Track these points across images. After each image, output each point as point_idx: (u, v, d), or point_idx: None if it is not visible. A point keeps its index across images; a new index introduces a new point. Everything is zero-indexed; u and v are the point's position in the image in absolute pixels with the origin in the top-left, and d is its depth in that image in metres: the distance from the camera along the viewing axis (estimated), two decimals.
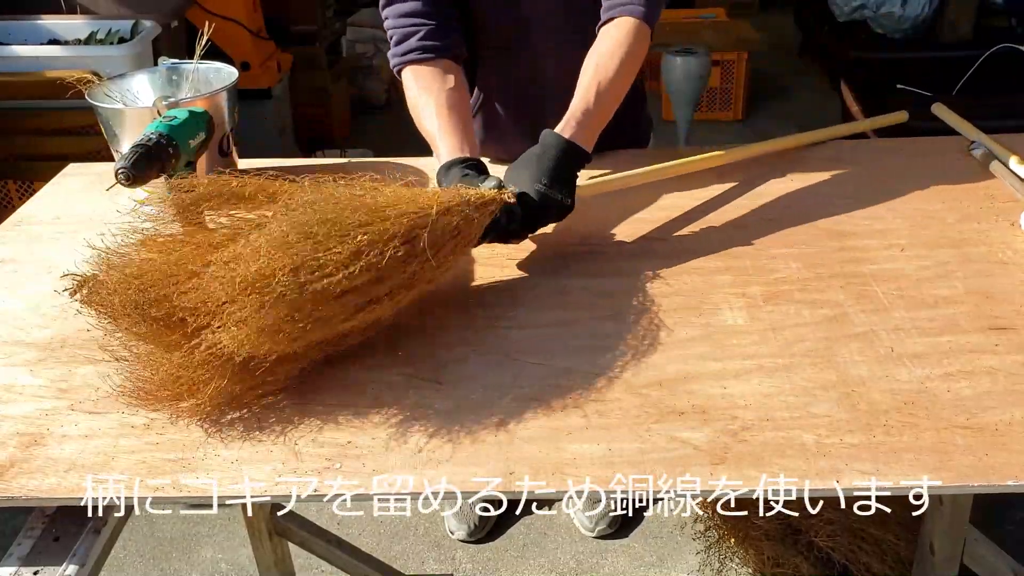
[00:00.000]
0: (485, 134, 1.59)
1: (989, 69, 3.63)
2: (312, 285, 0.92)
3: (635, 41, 1.34)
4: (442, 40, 1.36)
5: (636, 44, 1.34)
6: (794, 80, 5.08)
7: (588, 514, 2.15)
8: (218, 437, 0.97)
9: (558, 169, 1.20)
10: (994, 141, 1.52)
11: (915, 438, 0.93)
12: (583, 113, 1.27)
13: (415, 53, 1.35)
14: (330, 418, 0.99)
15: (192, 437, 0.97)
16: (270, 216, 1.03)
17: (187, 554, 2.16)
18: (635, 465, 0.91)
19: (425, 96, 1.33)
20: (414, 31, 1.36)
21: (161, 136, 1.16)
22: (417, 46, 1.35)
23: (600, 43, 1.36)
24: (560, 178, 1.20)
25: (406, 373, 1.06)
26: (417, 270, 1.02)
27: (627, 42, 1.33)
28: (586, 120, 1.27)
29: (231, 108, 1.48)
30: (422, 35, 1.35)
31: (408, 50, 1.36)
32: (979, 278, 1.19)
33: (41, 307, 1.22)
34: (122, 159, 1.12)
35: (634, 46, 1.34)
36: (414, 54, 1.35)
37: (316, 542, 1.72)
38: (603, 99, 1.29)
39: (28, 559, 0.92)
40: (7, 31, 2.97)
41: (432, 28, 1.35)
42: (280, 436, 0.97)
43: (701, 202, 1.43)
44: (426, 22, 1.36)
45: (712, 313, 1.15)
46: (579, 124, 1.26)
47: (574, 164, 1.24)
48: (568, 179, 1.22)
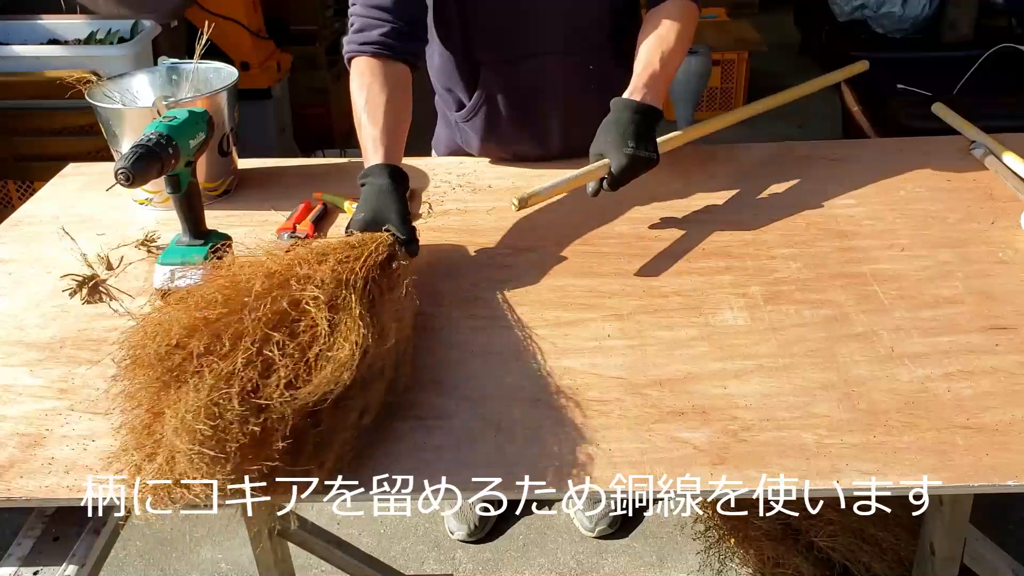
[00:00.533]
0: (486, 135, 1.59)
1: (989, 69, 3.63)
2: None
3: (687, 18, 1.42)
4: (403, 43, 1.36)
5: (688, 20, 1.42)
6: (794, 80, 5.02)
7: (588, 514, 2.15)
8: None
9: (639, 129, 1.28)
10: (994, 141, 1.52)
11: (915, 438, 0.93)
12: (650, 76, 1.34)
13: (373, 46, 1.35)
14: None
15: None
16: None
17: (187, 554, 2.16)
18: (635, 465, 0.91)
19: (371, 91, 1.32)
20: (378, 25, 1.35)
21: (161, 136, 1.16)
22: (378, 40, 1.35)
23: (655, 18, 1.42)
24: (643, 136, 1.28)
25: (406, 373, 1.06)
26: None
27: (681, 19, 1.41)
28: (652, 83, 1.33)
29: (231, 108, 1.48)
30: (386, 32, 1.35)
31: (367, 41, 1.35)
32: (979, 278, 1.19)
33: (41, 307, 1.22)
34: (122, 159, 1.12)
35: (686, 22, 1.42)
36: (372, 47, 1.35)
37: (316, 542, 1.72)
38: (666, 65, 1.36)
39: (28, 559, 0.92)
40: (7, 31, 2.96)
41: (397, 28, 1.35)
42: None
43: (701, 202, 1.43)
44: (393, 21, 1.35)
45: (712, 313, 1.15)
46: (646, 87, 1.33)
47: (652, 122, 1.31)
48: (649, 136, 1.29)
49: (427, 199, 1.47)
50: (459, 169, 1.59)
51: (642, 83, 1.33)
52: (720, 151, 1.63)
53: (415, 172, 1.57)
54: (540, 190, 1.25)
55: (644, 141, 1.28)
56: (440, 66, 1.58)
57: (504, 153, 1.62)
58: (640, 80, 1.33)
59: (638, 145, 1.26)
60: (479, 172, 1.58)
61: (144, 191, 1.46)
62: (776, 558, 1.96)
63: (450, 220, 1.41)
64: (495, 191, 1.50)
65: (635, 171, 1.27)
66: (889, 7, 4.34)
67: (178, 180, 1.21)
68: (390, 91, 1.32)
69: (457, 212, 1.43)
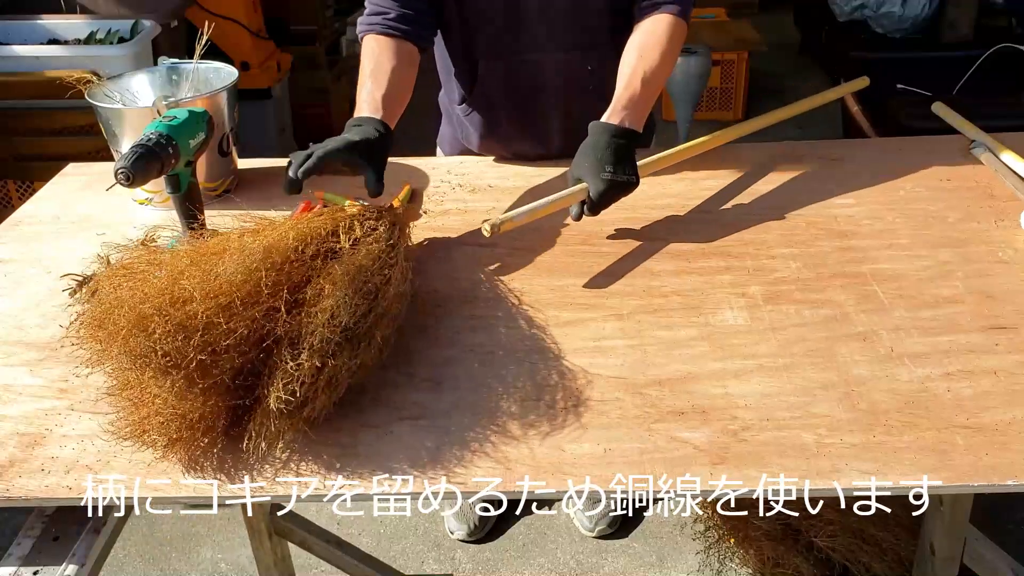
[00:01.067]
0: (486, 132, 1.59)
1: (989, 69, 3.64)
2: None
3: (673, 35, 1.41)
4: (412, 27, 1.42)
5: (674, 38, 1.41)
6: (794, 80, 5.08)
7: (588, 514, 2.15)
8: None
9: (617, 153, 1.27)
10: (994, 141, 1.52)
11: (915, 438, 0.93)
12: (629, 99, 1.33)
13: (383, 26, 1.41)
14: (330, 418, 0.99)
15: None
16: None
17: (187, 554, 2.16)
18: (635, 465, 0.91)
19: (379, 60, 1.38)
20: (389, 11, 1.42)
21: (161, 136, 1.16)
22: (387, 23, 1.41)
23: (639, 36, 1.41)
24: (621, 160, 1.27)
25: (406, 373, 1.06)
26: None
27: (666, 36, 1.40)
28: (631, 105, 1.33)
29: (231, 108, 1.48)
30: (395, 16, 1.41)
31: (376, 23, 1.42)
32: (980, 278, 1.19)
33: (41, 307, 1.22)
34: (122, 159, 1.12)
35: (672, 40, 1.41)
36: (380, 27, 1.41)
37: (316, 542, 1.72)
38: (647, 86, 1.35)
39: (28, 559, 0.92)
40: (7, 31, 2.96)
41: (407, 15, 1.42)
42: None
43: (701, 202, 1.43)
44: (404, 9, 1.42)
45: (712, 313, 1.15)
46: (625, 109, 1.32)
47: (630, 145, 1.30)
48: (627, 159, 1.28)
49: (427, 199, 1.47)
50: (459, 169, 1.59)
51: (621, 105, 1.32)
52: (720, 151, 1.63)
53: (415, 172, 1.57)
54: (514, 215, 1.24)
55: (623, 164, 1.26)
56: (441, 63, 1.60)
57: (504, 151, 1.62)
58: (619, 103, 1.33)
59: (616, 170, 1.25)
60: (479, 172, 1.58)
61: (144, 191, 1.46)
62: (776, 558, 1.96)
63: (450, 220, 1.41)
64: (495, 191, 1.50)
65: (613, 196, 1.26)
66: (889, 7, 4.34)
67: (178, 180, 1.21)
68: (397, 63, 1.38)
69: (457, 212, 1.43)
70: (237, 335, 0.90)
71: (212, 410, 0.91)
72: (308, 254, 1.03)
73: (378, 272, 1.03)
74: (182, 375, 0.87)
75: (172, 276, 0.94)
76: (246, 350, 0.92)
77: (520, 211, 1.24)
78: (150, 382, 0.90)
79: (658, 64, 1.37)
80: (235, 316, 0.91)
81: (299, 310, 0.96)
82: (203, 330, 0.88)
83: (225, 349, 0.89)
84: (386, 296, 1.02)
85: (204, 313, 0.89)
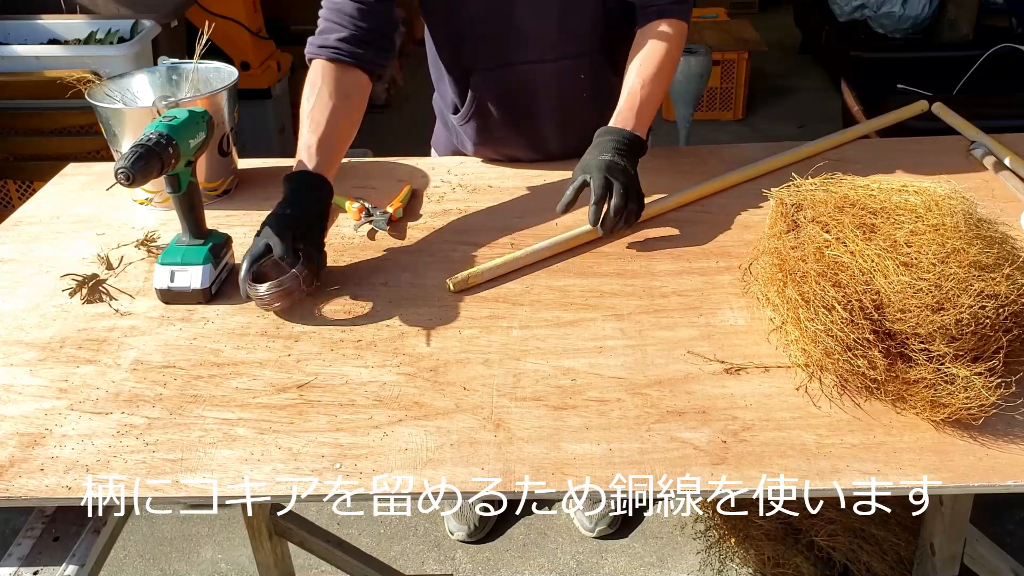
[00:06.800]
0: (480, 139, 1.59)
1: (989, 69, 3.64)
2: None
3: (675, 39, 1.42)
4: (366, 51, 1.35)
5: (676, 42, 1.42)
6: (794, 80, 5.08)
7: (588, 514, 2.15)
8: (218, 437, 0.97)
9: (618, 146, 1.29)
10: (994, 141, 1.52)
11: (915, 438, 0.93)
12: (629, 108, 1.35)
13: (329, 50, 1.35)
14: (330, 418, 0.99)
15: (192, 437, 0.97)
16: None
17: (187, 554, 2.16)
18: (635, 465, 0.91)
19: (319, 97, 1.33)
20: (338, 30, 1.35)
21: (161, 136, 1.16)
22: (335, 44, 1.34)
23: (640, 43, 1.42)
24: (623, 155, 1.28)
25: (406, 373, 1.06)
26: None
27: (668, 41, 1.40)
28: (632, 112, 1.34)
29: (231, 108, 1.48)
30: (344, 37, 1.34)
31: (324, 44, 1.35)
32: None
33: (41, 307, 1.22)
34: (122, 159, 1.12)
35: (675, 44, 1.41)
36: (328, 51, 1.35)
37: (316, 542, 1.72)
38: (650, 94, 1.36)
39: (28, 559, 0.92)
40: (7, 31, 2.97)
41: (358, 36, 1.35)
42: (280, 436, 0.97)
43: (701, 202, 1.42)
44: (354, 28, 1.35)
45: (712, 313, 1.15)
46: (627, 116, 1.34)
47: (633, 147, 1.31)
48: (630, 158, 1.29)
49: (427, 199, 1.47)
50: (459, 169, 1.59)
51: (623, 114, 1.34)
52: (721, 151, 1.63)
53: (415, 172, 1.57)
54: (478, 271, 1.23)
55: (624, 158, 1.28)
56: (435, 70, 1.59)
57: (499, 156, 1.61)
58: (622, 111, 1.35)
59: (615, 157, 1.27)
60: (479, 172, 1.58)
61: (144, 191, 1.46)
62: (776, 558, 1.96)
63: (450, 220, 1.41)
64: (495, 191, 1.50)
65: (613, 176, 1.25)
66: (889, 7, 4.34)
67: (178, 180, 1.21)
68: (338, 99, 1.32)
69: (457, 212, 1.43)
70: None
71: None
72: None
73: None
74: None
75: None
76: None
77: (484, 267, 1.24)
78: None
79: (660, 68, 1.38)
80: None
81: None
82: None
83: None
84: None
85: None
